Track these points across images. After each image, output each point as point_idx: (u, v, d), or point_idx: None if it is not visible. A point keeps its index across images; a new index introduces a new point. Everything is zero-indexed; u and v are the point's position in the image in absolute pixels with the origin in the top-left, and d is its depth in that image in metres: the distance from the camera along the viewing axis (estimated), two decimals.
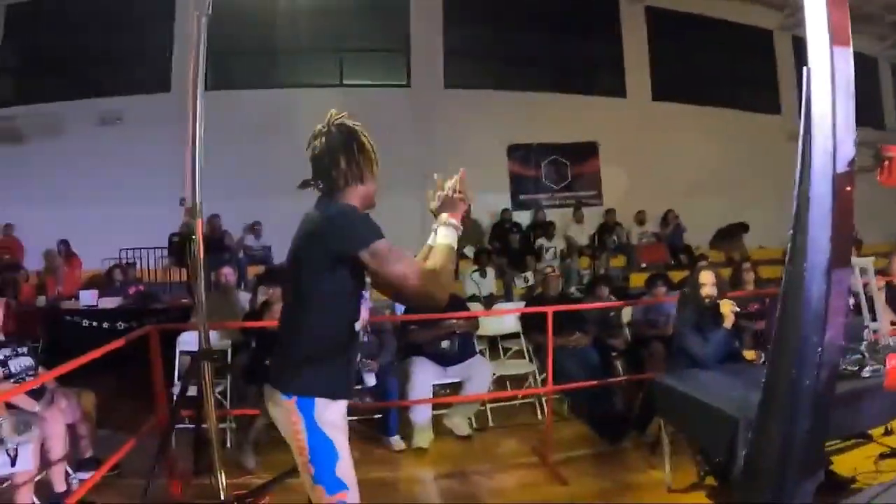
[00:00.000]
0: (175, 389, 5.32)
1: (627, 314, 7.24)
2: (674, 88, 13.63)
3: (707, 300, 4.67)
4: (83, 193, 11.39)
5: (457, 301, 6.47)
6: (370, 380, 5.60)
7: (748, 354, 4.52)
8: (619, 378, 6.05)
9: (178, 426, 5.22)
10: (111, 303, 8.96)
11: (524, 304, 7.60)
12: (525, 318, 6.74)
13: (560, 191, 13.37)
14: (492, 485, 4.79)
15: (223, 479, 3.94)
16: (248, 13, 11.41)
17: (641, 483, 4.56)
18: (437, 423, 5.82)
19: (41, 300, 9.94)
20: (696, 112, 13.56)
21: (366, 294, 2.46)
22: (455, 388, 6.06)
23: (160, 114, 10.27)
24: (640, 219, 12.54)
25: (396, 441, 5.55)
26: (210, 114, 3.78)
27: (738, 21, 13.95)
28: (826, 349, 2.10)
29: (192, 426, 4.36)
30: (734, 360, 4.56)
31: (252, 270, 10.59)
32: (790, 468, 2.21)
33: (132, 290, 9.59)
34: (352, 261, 2.26)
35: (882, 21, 13.45)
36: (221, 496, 3.84)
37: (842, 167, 2.15)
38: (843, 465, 4.06)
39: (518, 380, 6.70)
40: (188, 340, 5.81)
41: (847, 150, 2.15)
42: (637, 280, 10.27)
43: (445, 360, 5.90)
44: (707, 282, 4.72)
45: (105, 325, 8.47)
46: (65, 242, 11.03)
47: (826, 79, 2.15)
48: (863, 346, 3.65)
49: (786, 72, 14.26)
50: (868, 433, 4.23)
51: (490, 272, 10.66)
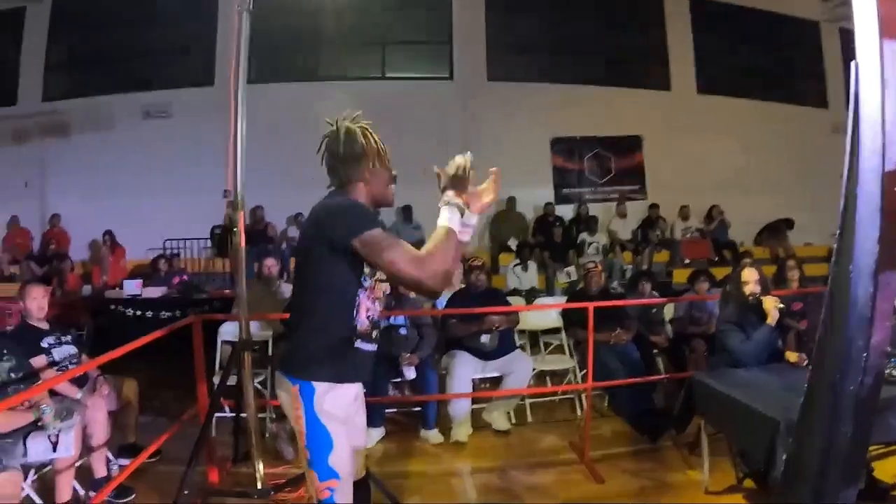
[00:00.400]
0: (217, 379, 5.41)
1: (670, 311, 7.20)
2: (719, 81, 13.40)
3: (750, 297, 4.58)
4: (129, 185, 11.64)
5: (497, 296, 6.48)
6: (410, 373, 5.64)
7: (790, 356, 4.39)
8: (659, 376, 5.98)
9: (219, 415, 5.33)
10: (155, 292, 9.10)
11: (566, 299, 7.56)
12: (566, 313, 6.68)
13: (603, 185, 13.26)
14: (528, 481, 4.76)
15: (261, 468, 3.99)
16: (292, 6, 11.46)
17: (679, 483, 4.50)
18: (476, 417, 5.82)
19: (87, 289, 10.15)
20: (742, 105, 13.30)
21: (365, 284, 2.47)
22: (495, 383, 6.07)
23: (205, 107, 10.44)
24: (684, 214, 12.38)
25: (434, 434, 5.57)
26: (254, 107, 3.81)
27: (784, 12, 13.63)
28: (871, 353, 2.02)
29: (233, 415, 4.43)
30: (777, 360, 4.47)
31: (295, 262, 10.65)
32: (831, 474, 2.14)
33: (176, 280, 9.73)
34: (347, 250, 2.29)
35: None
36: (259, 485, 3.89)
37: (891, 165, 2.06)
38: (885, 472, 3.95)
39: (559, 375, 6.64)
40: (230, 330, 5.85)
41: None
42: (680, 276, 10.13)
43: (485, 355, 5.88)
44: (750, 279, 4.63)
45: (149, 315, 8.62)
46: (109, 233, 11.28)
47: (875, 74, 2.06)
48: None
49: (832, 64, 13.91)
50: None
51: (532, 266, 10.66)
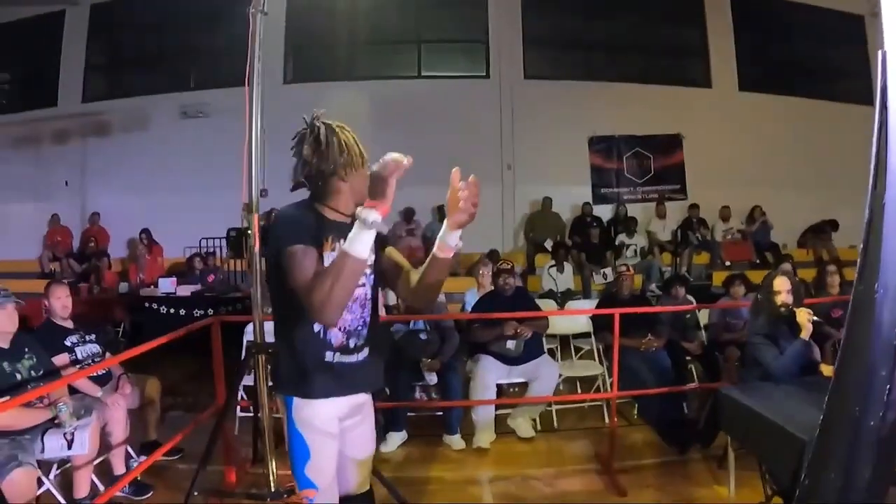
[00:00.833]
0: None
1: (706, 315, 6.99)
2: (761, 78, 12.96)
3: (782, 308, 4.39)
4: (168, 183, 11.79)
5: (526, 299, 6.31)
6: (431, 378, 5.57)
7: (825, 370, 4.19)
8: (687, 386, 5.80)
9: (243, 414, 5.37)
10: (189, 290, 9.18)
11: (596, 303, 7.42)
12: (596, 318, 6.56)
13: (642, 184, 12.97)
14: (548, 490, 4.64)
15: (275, 470, 3.95)
16: (328, 6, 11.48)
17: (704, 498, 4.34)
18: (501, 423, 5.73)
19: (124, 286, 10.31)
20: (785, 103, 12.85)
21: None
22: (523, 388, 5.95)
23: (242, 106, 10.42)
24: (725, 215, 12.05)
25: (457, 440, 5.48)
26: (291, 107, 3.77)
27: (827, 6, 13.12)
28: None
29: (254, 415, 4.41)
30: (812, 372, 4.27)
31: None
32: None
33: (211, 279, 9.81)
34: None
35: None
36: (272, 487, 3.85)
37: None
38: None
39: (589, 381, 6.53)
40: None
41: None
42: (720, 279, 9.88)
43: (511, 360, 5.76)
44: (782, 289, 4.42)
45: (182, 312, 8.69)
46: (146, 231, 11.43)
47: None
48: None
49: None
50: None
51: (568, 267, 10.52)
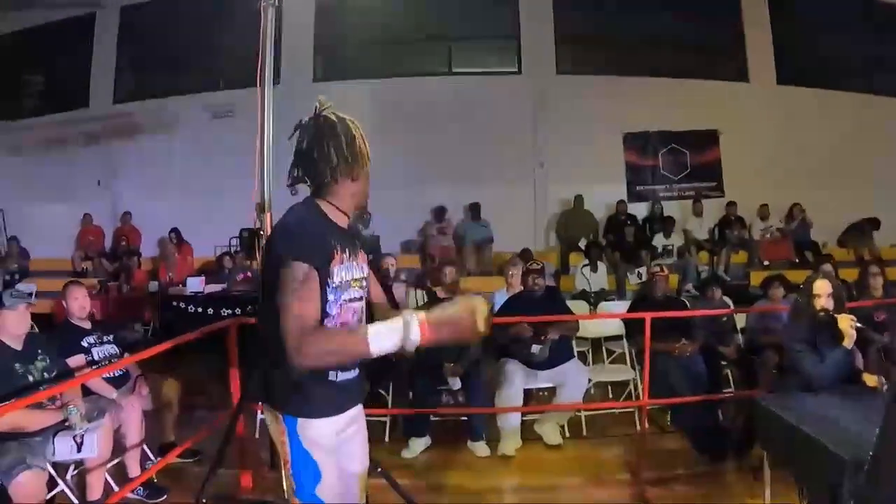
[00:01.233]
0: None
1: (743, 317, 6.73)
2: (800, 72, 12.46)
3: (822, 313, 4.11)
4: (199, 183, 11.81)
5: (555, 302, 6.07)
6: (455, 383, 5.41)
7: (868, 379, 3.92)
8: (722, 394, 5.56)
9: (262, 417, 5.24)
10: (217, 290, 9.13)
11: (630, 304, 7.18)
12: (629, 320, 6.32)
13: (678, 181, 12.64)
14: (573, 500, 4.47)
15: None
16: (357, 4, 11.38)
17: None
18: (528, 429, 5.53)
19: (154, 285, 10.33)
20: (825, 97, 12.34)
21: (331, 311, 2.18)
22: (550, 393, 5.77)
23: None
24: (763, 213, 11.70)
25: (481, 446, 5.31)
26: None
27: None
28: None
29: None
30: (853, 381, 4.01)
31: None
32: None
33: (240, 277, 9.76)
34: None
35: None
36: (286, 494, 3.74)
37: None
38: None
39: (621, 386, 6.32)
40: None
41: None
42: (758, 279, 9.54)
43: (538, 364, 5.56)
44: (822, 292, 4.12)
45: (210, 312, 8.61)
46: (176, 230, 11.49)
47: None
48: None
49: None
50: None
51: (602, 267, 10.30)
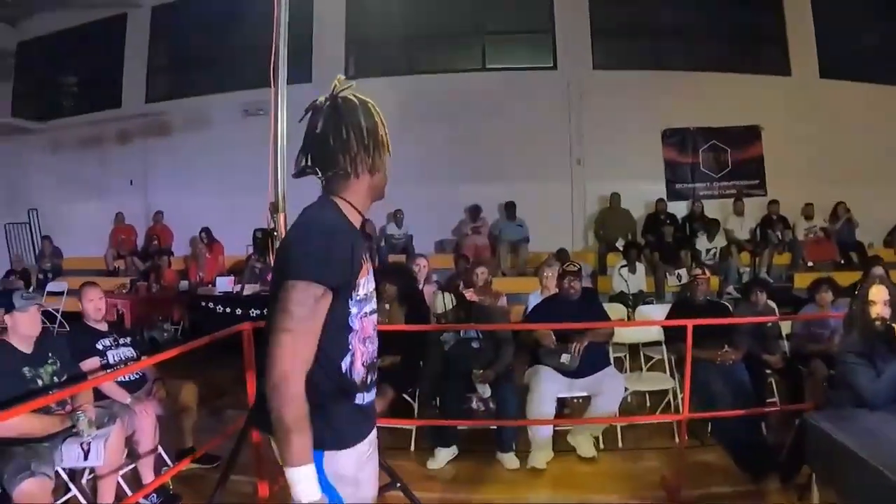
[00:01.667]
0: None
1: (790, 324, 6.39)
2: (844, 65, 11.96)
3: (878, 322, 3.75)
4: (230, 182, 11.75)
5: (591, 306, 5.76)
6: (484, 391, 5.19)
7: None
8: (767, 408, 5.24)
9: None
10: (248, 289, 9.13)
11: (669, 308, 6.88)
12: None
13: (719, 179, 12.30)
14: None
15: None
16: (389, 0, 11.30)
17: None
18: (561, 439, 5.26)
19: (184, 285, 10.33)
20: (870, 91, 11.85)
21: (354, 326, 1.94)
22: (585, 401, 5.49)
23: (302, 104, 10.30)
24: (808, 213, 11.29)
25: (510, 458, 5.06)
26: None
27: None
28: None
29: None
30: None
31: (394, 259, 10.49)
32: None
33: (269, 277, 9.69)
34: None
35: None
36: None
37: None
38: None
39: (660, 394, 6.02)
40: None
41: None
42: (802, 280, 9.23)
43: (571, 372, 5.29)
44: (878, 299, 3.74)
45: (238, 312, 8.54)
46: (206, 230, 11.48)
47: None
48: None
49: None
50: None
51: (640, 268, 10.01)
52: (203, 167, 12.12)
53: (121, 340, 4.85)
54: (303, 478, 1.74)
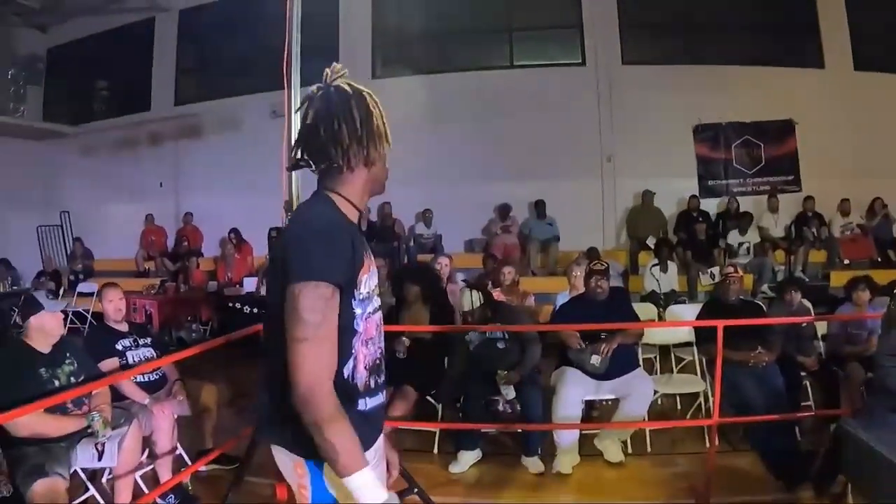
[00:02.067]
0: None
1: (826, 324, 6.19)
2: (879, 57, 11.61)
3: None
4: (260, 183, 11.72)
5: (620, 306, 5.60)
6: (508, 392, 5.09)
7: None
8: (802, 413, 5.07)
9: None
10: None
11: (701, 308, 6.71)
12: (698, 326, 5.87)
13: (753, 175, 12.01)
14: None
15: None
16: None
17: None
18: (587, 442, 5.12)
19: (212, 285, 10.40)
20: None
21: (358, 328, 1.84)
22: (614, 404, 5.37)
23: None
24: (845, 209, 10.93)
25: (534, 462, 4.94)
26: (380, 102, 3.46)
27: None
28: None
29: None
30: None
31: (423, 259, 10.43)
32: None
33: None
34: None
35: None
36: None
37: None
38: None
39: (691, 396, 5.87)
40: None
41: None
42: (838, 279, 8.97)
43: (599, 374, 5.16)
44: None
45: (264, 312, 8.51)
46: (235, 231, 11.54)
47: None
48: None
49: None
50: None
51: (672, 267, 9.78)
52: (233, 168, 12.15)
53: (141, 341, 4.83)
54: (361, 484, 1.68)
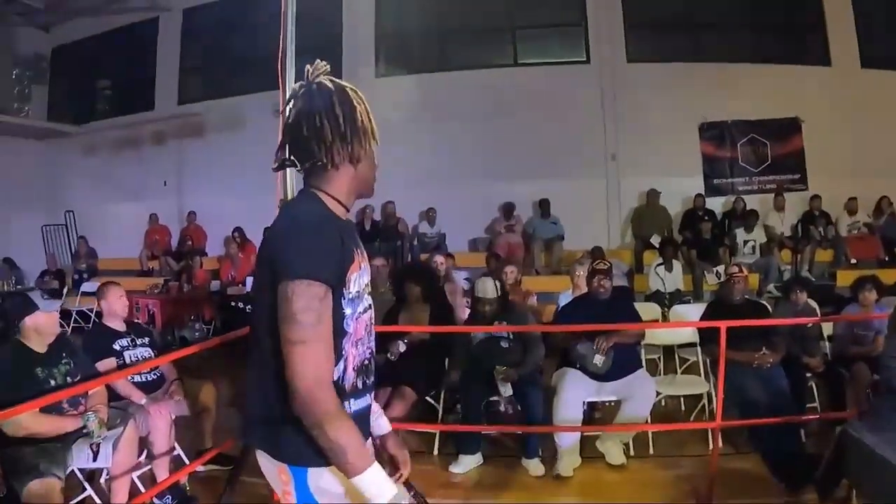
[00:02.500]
0: None
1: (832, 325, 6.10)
2: (887, 54, 11.48)
3: None
4: (264, 182, 11.71)
5: (623, 307, 5.61)
6: (506, 390, 5.00)
7: None
8: (806, 416, 5.00)
9: None
10: None
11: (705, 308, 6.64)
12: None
13: (759, 174, 11.93)
14: None
15: None
16: None
17: None
18: (589, 444, 5.04)
19: (215, 284, 10.39)
20: None
21: (348, 328, 1.81)
22: (616, 406, 5.29)
23: None
24: (852, 207, 10.85)
25: (535, 465, 4.87)
26: (384, 101, 3.42)
27: None
28: None
29: None
30: None
31: (425, 258, 10.43)
32: None
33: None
34: None
35: None
36: None
37: None
38: None
39: (694, 398, 5.78)
40: None
41: None
42: (845, 278, 8.88)
43: (601, 375, 5.09)
44: None
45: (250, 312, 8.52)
46: (239, 230, 11.50)
47: None
48: None
49: None
50: None
51: (677, 266, 9.73)
52: (236, 167, 12.12)
53: (139, 341, 4.81)
54: (370, 483, 1.66)
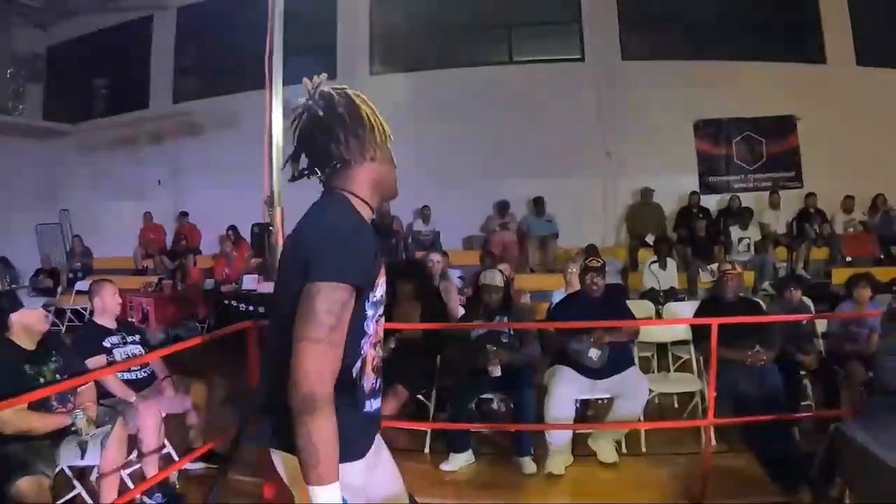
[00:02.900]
0: None
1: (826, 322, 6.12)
2: (882, 51, 11.42)
3: None
4: (258, 180, 11.70)
5: (616, 303, 5.56)
6: (495, 370, 4.92)
7: None
8: (800, 414, 4.98)
9: None
10: (264, 287, 9.09)
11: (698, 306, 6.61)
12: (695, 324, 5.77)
13: (754, 172, 11.92)
14: None
15: None
16: None
17: None
18: (581, 442, 5.04)
19: (209, 283, 10.37)
20: None
21: (368, 330, 1.85)
22: (608, 404, 5.26)
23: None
24: (848, 205, 10.87)
25: (527, 463, 4.86)
26: (378, 98, 3.42)
27: None
28: None
29: None
30: None
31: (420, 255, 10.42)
32: None
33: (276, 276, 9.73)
34: None
35: None
36: None
37: None
38: None
39: (688, 395, 5.78)
40: None
41: None
42: (840, 276, 8.86)
43: (593, 372, 5.05)
44: None
45: (261, 310, 8.51)
46: (234, 228, 11.51)
47: None
48: None
49: None
50: None
51: (672, 264, 9.72)
52: (231, 165, 12.08)
53: (129, 338, 4.81)
54: (329, 498, 1.67)
